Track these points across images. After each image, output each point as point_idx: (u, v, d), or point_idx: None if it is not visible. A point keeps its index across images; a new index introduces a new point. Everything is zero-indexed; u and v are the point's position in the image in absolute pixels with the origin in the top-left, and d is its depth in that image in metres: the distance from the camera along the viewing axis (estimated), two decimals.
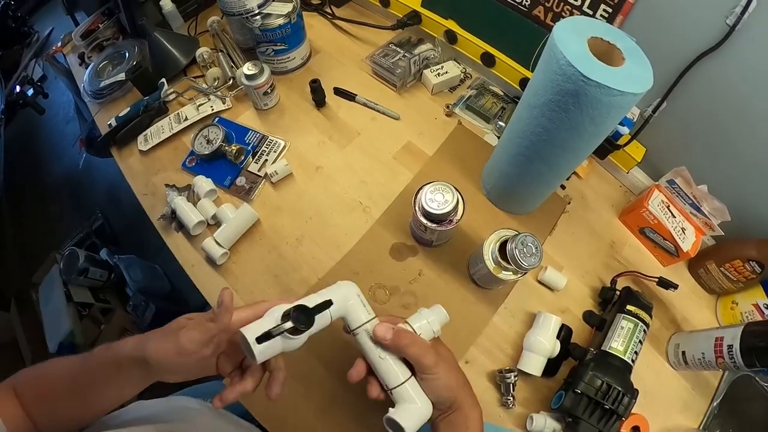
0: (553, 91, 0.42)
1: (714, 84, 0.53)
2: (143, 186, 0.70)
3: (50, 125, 2.12)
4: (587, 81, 0.38)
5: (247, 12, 0.68)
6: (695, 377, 0.57)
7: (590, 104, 0.40)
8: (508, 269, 0.51)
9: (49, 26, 2.21)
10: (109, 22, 0.90)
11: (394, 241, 0.63)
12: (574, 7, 0.60)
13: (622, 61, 0.41)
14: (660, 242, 0.63)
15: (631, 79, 0.39)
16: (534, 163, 0.53)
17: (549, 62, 0.41)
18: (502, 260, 0.51)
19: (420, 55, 0.77)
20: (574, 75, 0.38)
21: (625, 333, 0.52)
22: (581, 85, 0.39)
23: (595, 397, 0.47)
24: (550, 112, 0.44)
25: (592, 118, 0.42)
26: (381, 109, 0.75)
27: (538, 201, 0.64)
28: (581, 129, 0.44)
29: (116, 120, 0.75)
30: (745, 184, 0.58)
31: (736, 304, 0.60)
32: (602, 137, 0.47)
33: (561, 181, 0.62)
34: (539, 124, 0.47)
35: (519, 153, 0.54)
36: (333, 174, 0.69)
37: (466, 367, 0.55)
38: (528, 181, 0.58)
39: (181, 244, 0.64)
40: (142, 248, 1.51)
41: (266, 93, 0.72)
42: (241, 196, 0.67)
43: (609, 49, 0.42)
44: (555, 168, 0.54)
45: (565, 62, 0.39)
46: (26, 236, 1.78)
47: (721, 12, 0.47)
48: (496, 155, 0.62)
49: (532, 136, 0.49)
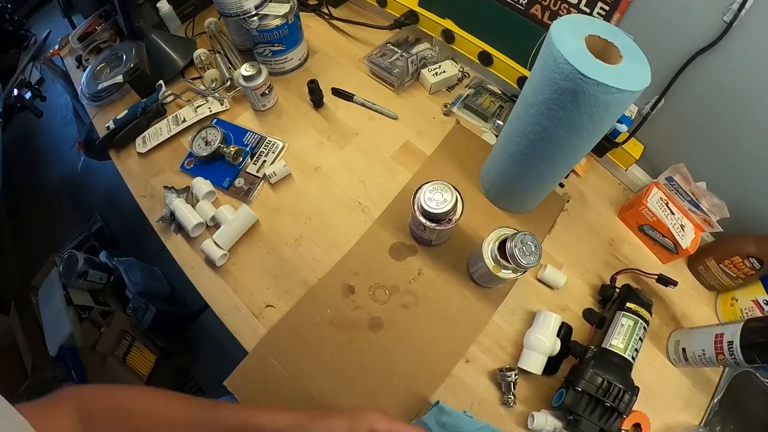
0: (551, 89, 0.42)
1: (712, 81, 0.53)
2: (142, 188, 0.70)
3: (48, 128, 2.12)
4: (585, 79, 0.38)
5: (244, 13, 0.68)
6: (696, 374, 0.57)
7: (588, 102, 0.40)
8: (508, 268, 0.51)
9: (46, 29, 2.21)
10: (106, 25, 0.90)
11: (394, 241, 0.63)
12: (572, 5, 0.60)
13: (619, 59, 0.41)
14: (659, 239, 0.63)
15: (628, 76, 0.39)
16: (532, 161, 0.53)
17: (546, 60, 0.41)
18: (501, 259, 0.51)
19: (417, 55, 0.77)
20: (572, 73, 0.38)
21: (625, 330, 0.52)
22: (579, 83, 0.39)
23: (596, 395, 0.48)
24: (548, 111, 0.44)
25: (590, 115, 0.42)
26: (379, 109, 0.75)
27: (537, 199, 0.64)
28: (579, 127, 0.44)
29: (114, 122, 0.75)
30: (743, 181, 0.58)
31: (736, 301, 0.60)
32: (600, 135, 0.47)
33: (559, 180, 0.62)
34: (537, 123, 0.47)
35: (518, 152, 0.54)
36: (332, 174, 0.69)
37: (466, 366, 0.55)
38: (527, 180, 0.58)
39: (180, 246, 0.64)
40: (142, 250, 1.51)
41: (264, 94, 0.72)
42: (239, 197, 0.67)
43: (606, 47, 0.42)
44: (553, 166, 0.54)
45: (562, 60, 0.39)
46: (25, 239, 1.77)
47: (718, 9, 0.47)
48: (494, 154, 0.62)
49: (531, 134, 0.49)
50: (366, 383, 0.53)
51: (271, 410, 0.35)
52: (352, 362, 0.55)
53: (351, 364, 0.55)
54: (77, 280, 1.25)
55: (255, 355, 0.55)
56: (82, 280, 1.26)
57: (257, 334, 0.56)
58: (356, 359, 0.55)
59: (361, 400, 0.53)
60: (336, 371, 0.54)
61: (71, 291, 1.27)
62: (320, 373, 0.54)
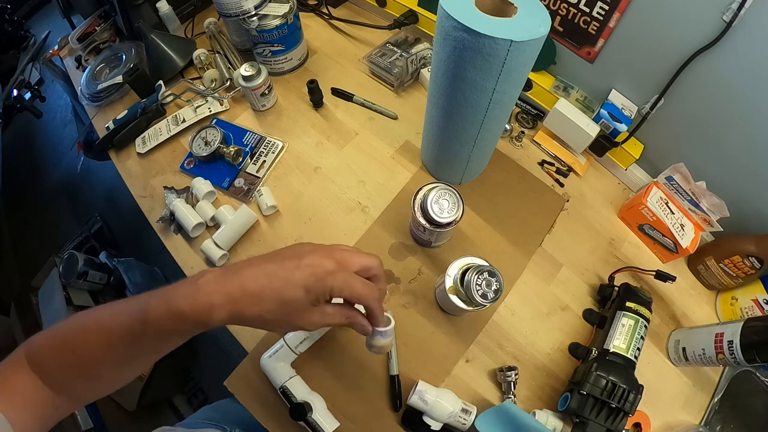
0: (443, 46, 0.44)
1: (711, 80, 0.53)
2: (141, 188, 0.70)
3: (48, 128, 2.12)
4: (458, 26, 0.40)
5: (243, 13, 0.68)
6: (696, 373, 0.57)
7: (466, 50, 0.42)
8: (461, 296, 0.49)
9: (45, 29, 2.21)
10: (106, 25, 0.90)
11: (393, 241, 0.63)
12: (571, 5, 0.60)
13: (514, 13, 0.43)
14: (659, 239, 0.63)
15: (511, 27, 0.40)
16: (449, 123, 0.55)
17: (440, 21, 0.43)
18: (460, 285, 0.48)
19: (417, 55, 0.77)
20: (453, 26, 0.40)
21: (626, 330, 0.52)
22: (454, 34, 0.41)
23: (601, 397, 0.47)
24: (446, 68, 0.46)
25: (473, 65, 0.43)
26: (378, 109, 0.75)
27: (465, 168, 0.63)
28: (472, 80, 0.45)
29: (114, 123, 0.75)
30: (743, 180, 0.58)
31: (736, 300, 0.60)
32: (504, 93, 0.47)
33: (485, 146, 0.60)
34: (442, 84, 0.49)
35: (435, 115, 0.55)
36: (331, 174, 0.69)
37: (466, 366, 0.55)
38: (447, 143, 0.59)
39: (180, 247, 0.64)
40: (141, 251, 1.51)
41: (264, 94, 0.72)
42: (239, 197, 0.67)
43: (502, 5, 0.44)
44: (465, 126, 0.54)
45: (444, 15, 0.41)
46: (25, 240, 1.77)
47: (718, 8, 0.47)
48: (425, 124, 0.63)
49: (441, 98, 0.52)
50: (366, 383, 0.53)
51: (203, 289, 0.31)
52: (351, 362, 0.55)
53: (351, 364, 0.55)
54: (77, 280, 1.25)
55: (255, 356, 0.55)
56: (82, 280, 1.26)
57: (257, 335, 0.56)
58: (356, 358, 0.55)
59: (361, 400, 0.53)
60: (336, 371, 0.54)
61: (71, 291, 1.27)
62: (320, 372, 0.54)
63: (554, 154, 0.71)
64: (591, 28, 0.61)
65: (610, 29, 0.59)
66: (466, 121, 0.52)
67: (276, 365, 0.51)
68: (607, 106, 0.63)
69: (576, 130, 0.65)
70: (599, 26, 0.59)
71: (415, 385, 0.50)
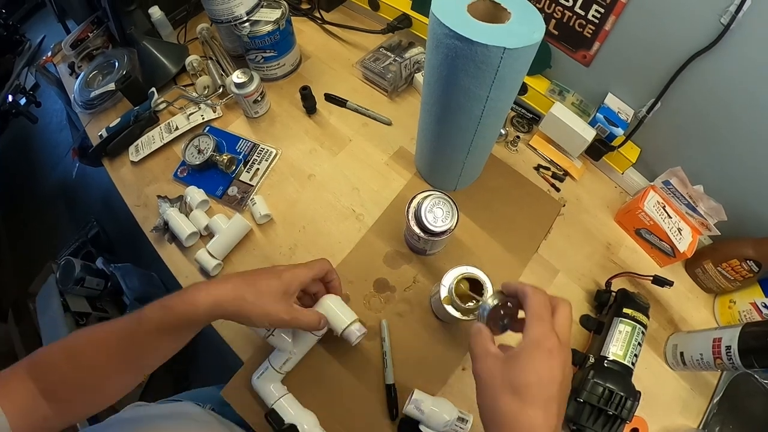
0: (435, 54, 0.44)
1: (709, 83, 0.52)
2: (135, 197, 0.70)
3: (44, 134, 2.11)
4: (449, 33, 0.39)
5: (235, 19, 0.67)
6: (694, 376, 0.57)
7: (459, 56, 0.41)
8: (456, 307, 0.47)
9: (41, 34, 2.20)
10: (99, 31, 0.89)
11: (388, 249, 0.62)
12: (566, 8, 0.60)
13: (507, 19, 0.42)
14: (656, 243, 0.62)
15: (503, 34, 0.39)
16: (442, 130, 0.54)
17: (432, 27, 0.42)
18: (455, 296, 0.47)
19: (411, 59, 0.76)
20: (445, 33, 0.40)
21: (623, 337, 0.52)
22: (446, 41, 0.40)
23: (598, 405, 0.47)
24: (439, 75, 0.46)
25: (466, 72, 0.42)
26: (372, 115, 0.75)
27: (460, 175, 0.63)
28: (464, 87, 0.45)
29: (107, 130, 0.75)
30: (741, 184, 0.57)
31: (734, 303, 0.60)
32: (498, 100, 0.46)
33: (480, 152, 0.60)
34: (434, 90, 0.49)
35: (429, 121, 0.55)
36: (325, 182, 0.69)
37: (463, 374, 0.55)
38: (441, 150, 0.59)
39: (174, 256, 0.64)
40: (138, 256, 1.51)
41: (256, 101, 0.72)
42: (233, 206, 0.67)
43: (495, 10, 0.43)
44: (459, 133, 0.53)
45: (436, 22, 0.40)
46: (22, 246, 1.77)
47: (715, 11, 0.46)
48: (418, 130, 0.62)
49: (434, 105, 0.51)
50: (361, 392, 0.53)
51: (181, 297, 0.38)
52: (347, 371, 0.54)
53: (346, 373, 0.54)
54: (74, 286, 1.24)
55: (251, 365, 0.54)
56: (79, 286, 1.26)
57: (253, 344, 0.56)
58: (351, 368, 0.54)
59: (357, 410, 0.52)
60: (330, 383, 0.54)
61: (68, 297, 1.27)
62: (313, 387, 0.53)
63: (550, 159, 0.70)
64: (586, 32, 0.60)
65: (606, 32, 0.58)
66: (460, 127, 0.52)
67: (264, 385, 0.51)
68: (603, 109, 0.63)
69: (572, 134, 0.65)
70: (595, 29, 0.59)
71: (411, 394, 0.50)
